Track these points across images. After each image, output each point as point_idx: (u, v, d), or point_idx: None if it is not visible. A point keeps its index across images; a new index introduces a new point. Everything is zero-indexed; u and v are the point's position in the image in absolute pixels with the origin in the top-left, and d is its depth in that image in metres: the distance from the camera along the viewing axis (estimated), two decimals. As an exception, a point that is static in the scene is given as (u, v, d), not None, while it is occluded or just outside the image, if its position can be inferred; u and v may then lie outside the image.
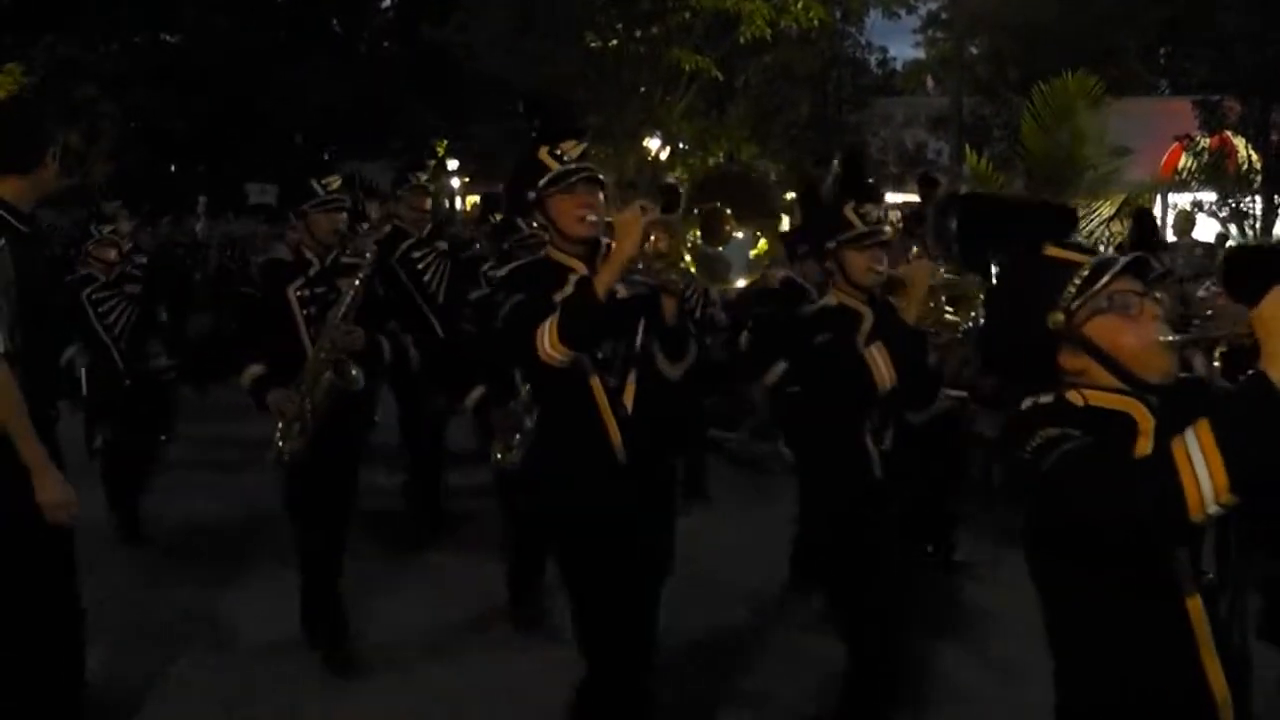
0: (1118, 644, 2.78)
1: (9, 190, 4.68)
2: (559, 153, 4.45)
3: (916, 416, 5.31)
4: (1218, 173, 18.40)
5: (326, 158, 27.19)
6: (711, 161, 24.82)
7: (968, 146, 17.89)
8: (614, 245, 4.15)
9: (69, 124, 22.07)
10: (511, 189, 4.89)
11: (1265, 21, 18.66)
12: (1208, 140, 19.05)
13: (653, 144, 24.46)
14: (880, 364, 4.79)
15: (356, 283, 6.35)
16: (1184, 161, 19.35)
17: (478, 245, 9.54)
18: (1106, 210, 14.83)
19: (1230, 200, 18.58)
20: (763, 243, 17.82)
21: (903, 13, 27.76)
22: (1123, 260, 2.82)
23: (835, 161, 6.58)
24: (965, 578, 8.02)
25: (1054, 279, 2.82)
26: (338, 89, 31.81)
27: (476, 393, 6.95)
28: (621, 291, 4.35)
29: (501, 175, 15.50)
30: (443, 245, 9.16)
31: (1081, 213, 14.89)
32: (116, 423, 8.94)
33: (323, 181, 6.58)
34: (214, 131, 32.48)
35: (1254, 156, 19.20)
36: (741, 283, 9.93)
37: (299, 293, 6.43)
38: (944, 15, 32.94)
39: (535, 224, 5.29)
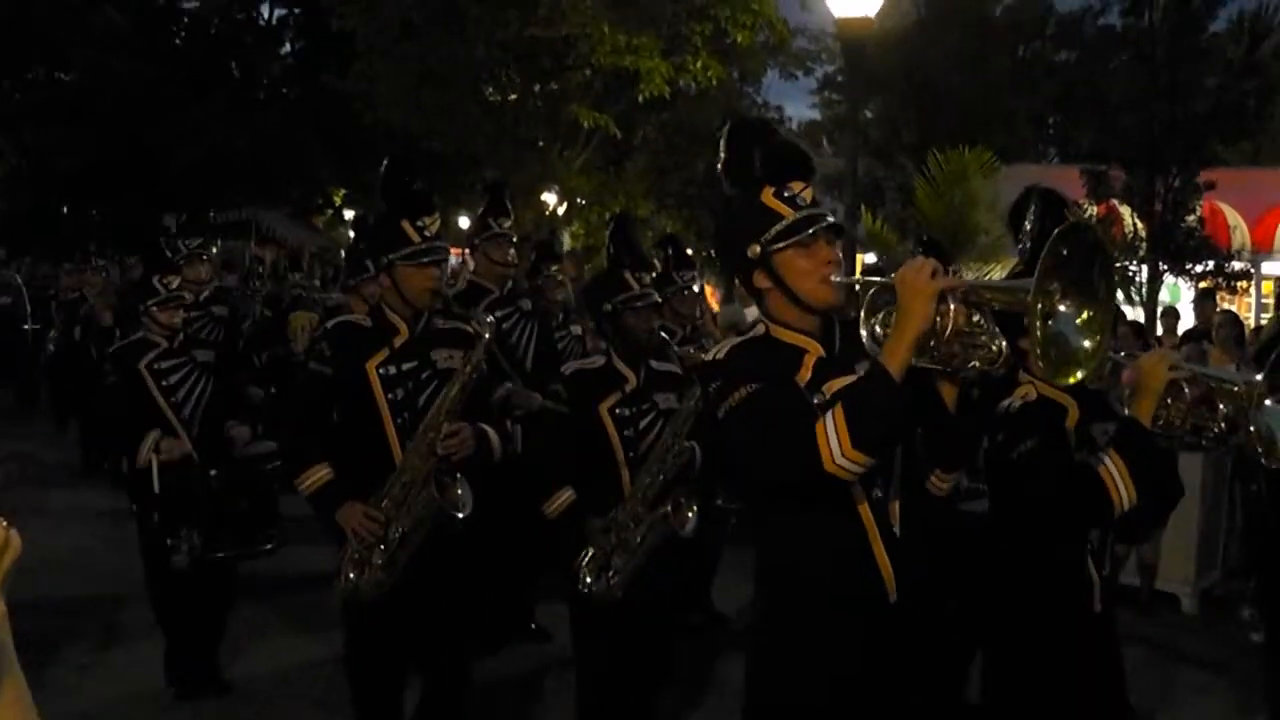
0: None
1: None
2: (789, 194, 3.32)
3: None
4: (1103, 231, 18.73)
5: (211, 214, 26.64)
6: (608, 217, 24.86)
7: (862, 207, 18.07)
8: (898, 314, 3.04)
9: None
10: (723, 240, 3.57)
11: (1149, 94, 19.11)
12: (1095, 208, 19.39)
13: (550, 198, 24.43)
14: None
15: (470, 366, 4.97)
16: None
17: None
18: (997, 274, 15.02)
19: (1114, 259, 18.95)
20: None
21: (799, 74, 28.14)
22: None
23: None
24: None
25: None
26: (235, 133, 31.36)
27: (564, 496, 5.37)
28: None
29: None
30: (526, 305, 7.59)
31: (973, 276, 15.11)
32: (204, 530, 6.55)
33: (417, 224, 4.98)
34: (107, 172, 31.84)
35: (1139, 225, 19.60)
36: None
37: (382, 369, 4.94)
38: (839, 78, 33.39)
39: (745, 285, 3.51)
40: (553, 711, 6.47)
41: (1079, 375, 3.00)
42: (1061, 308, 2.87)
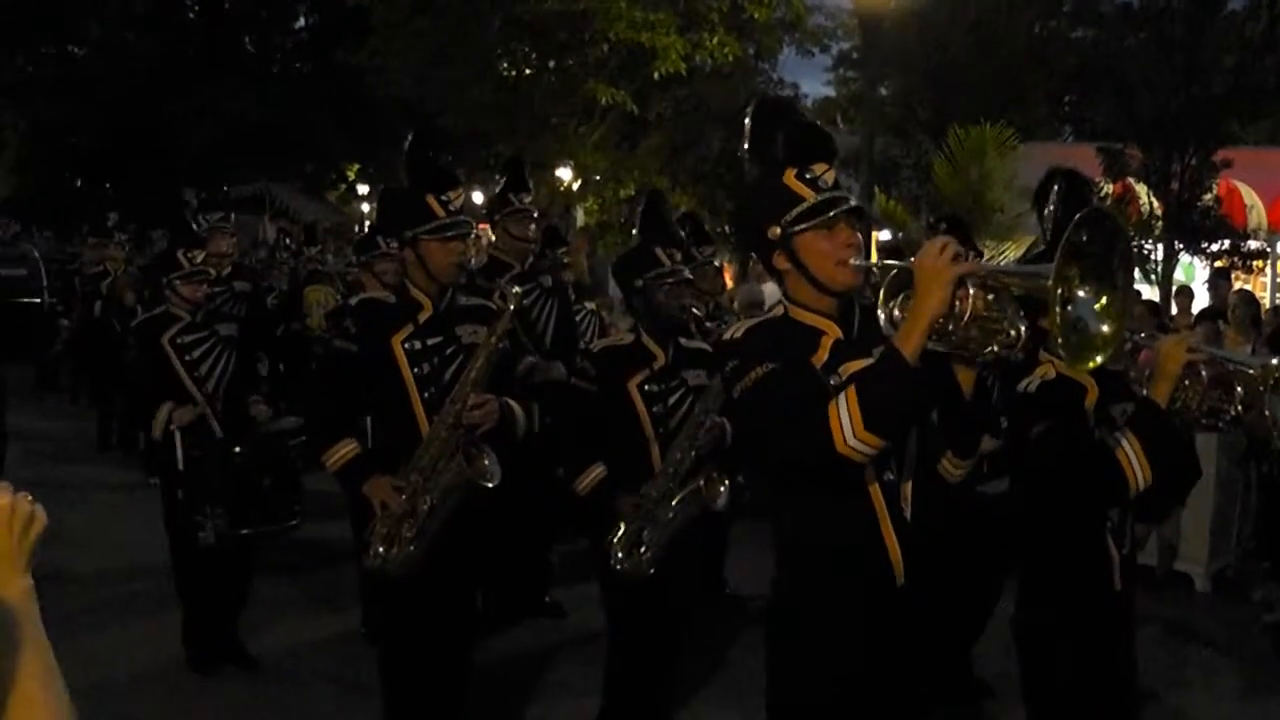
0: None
1: None
2: (811, 176, 3.30)
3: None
4: (1121, 218, 18.69)
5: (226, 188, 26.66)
6: (623, 194, 24.83)
7: (876, 187, 18.04)
8: (915, 298, 3.04)
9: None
10: (744, 220, 3.60)
11: (1166, 72, 19.03)
12: (1111, 187, 19.32)
13: (564, 174, 24.42)
14: None
15: (494, 337, 4.95)
16: (1090, 206, 19.58)
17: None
18: (1014, 253, 15.00)
19: (1133, 246, 18.89)
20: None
21: (816, 51, 28.05)
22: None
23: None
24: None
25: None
26: (248, 108, 31.39)
27: (595, 472, 5.39)
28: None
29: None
30: (547, 281, 7.63)
31: (990, 254, 15.10)
32: (229, 507, 6.51)
33: (441, 198, 4.96)
34: (121, 147, 31.88)
35: (1155, 204, 19.54)
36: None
37: (407, 344, 4.93)
38: (855, 55, 33.26)
39: (765, 265, 3.53)
40: (567, 688, 6.51)
41: (1098, 360, 3.01)
42: (1080, 293, 2.87)
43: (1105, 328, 2.91)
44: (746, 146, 3.48)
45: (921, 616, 3.41)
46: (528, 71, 23.36)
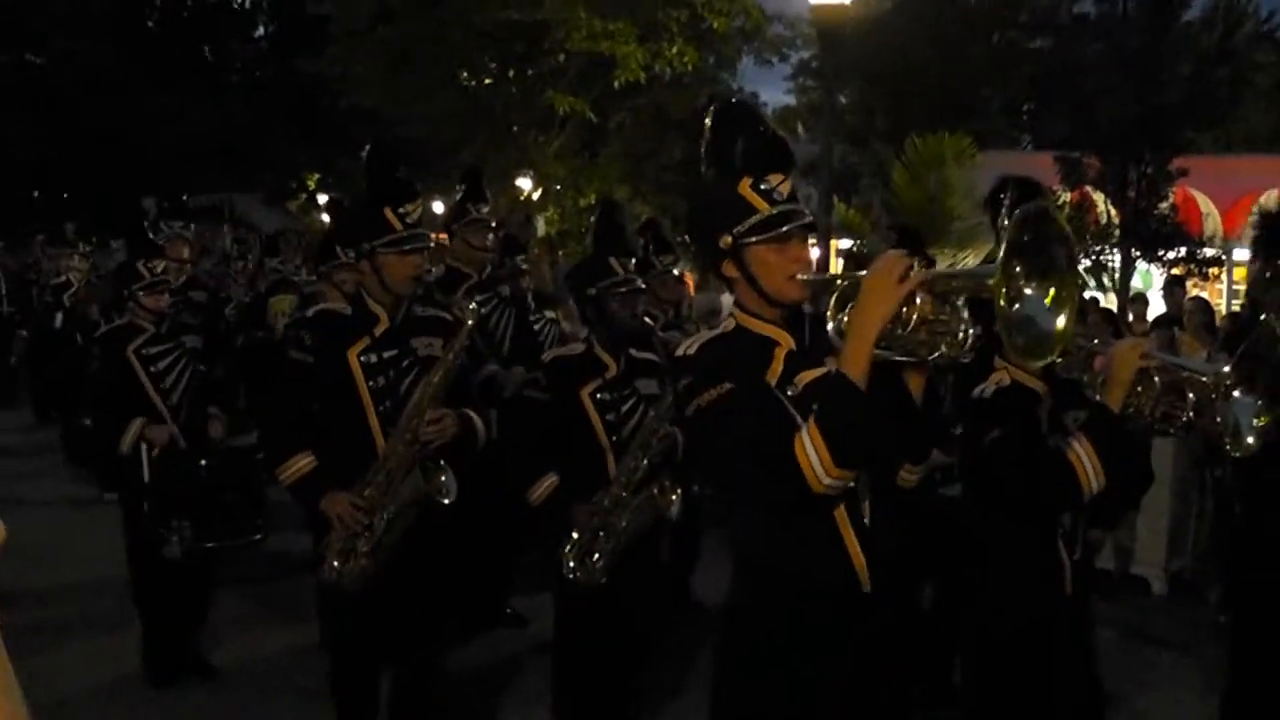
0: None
1: None
2: (766, 187, 3.25)
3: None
4: (1078, 227, 18.82)
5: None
6: (583, 203, 24.83)
7: (835, 195, 18.11)
8: (859, 308, 3.01)
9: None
10: (696, 225, 3.54)
11: (1122, 81, 19.19)
12: (1068, 195, 19.48)
13: (525, 184, 24.41)
14: None
15: (452, 354, 4.94)
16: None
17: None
18: (972, 260, 15.08)
19: (1091, 254, 19.02)
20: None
21: (775, 60, 28.10)
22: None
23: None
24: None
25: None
26: (208, 117, 31.23)
27: (547, 482, 5.39)
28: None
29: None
30: (505, 290, 7.65)
31: (948, 263, 15.19)
32: (194, 520, 6.53)
33: (399, 211, 4.91)
34: (78, 156, 31.63)
35: (1113, 211, 19.69)
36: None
37: (363, 357, 4.91)
38: (814, 64, 33.39)
39: (713, 271, 3.48)
40: (530, 699, 6.49)
41: (1051, 355, 3.04)
42: (1028, 290, 2.87)
43: (1057, 322, 2.90)
44: (704, 148, 3.39)
45: (889, 622, 3.39)
46: (488, 81, 23.34)
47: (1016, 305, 2.85)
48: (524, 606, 7.71)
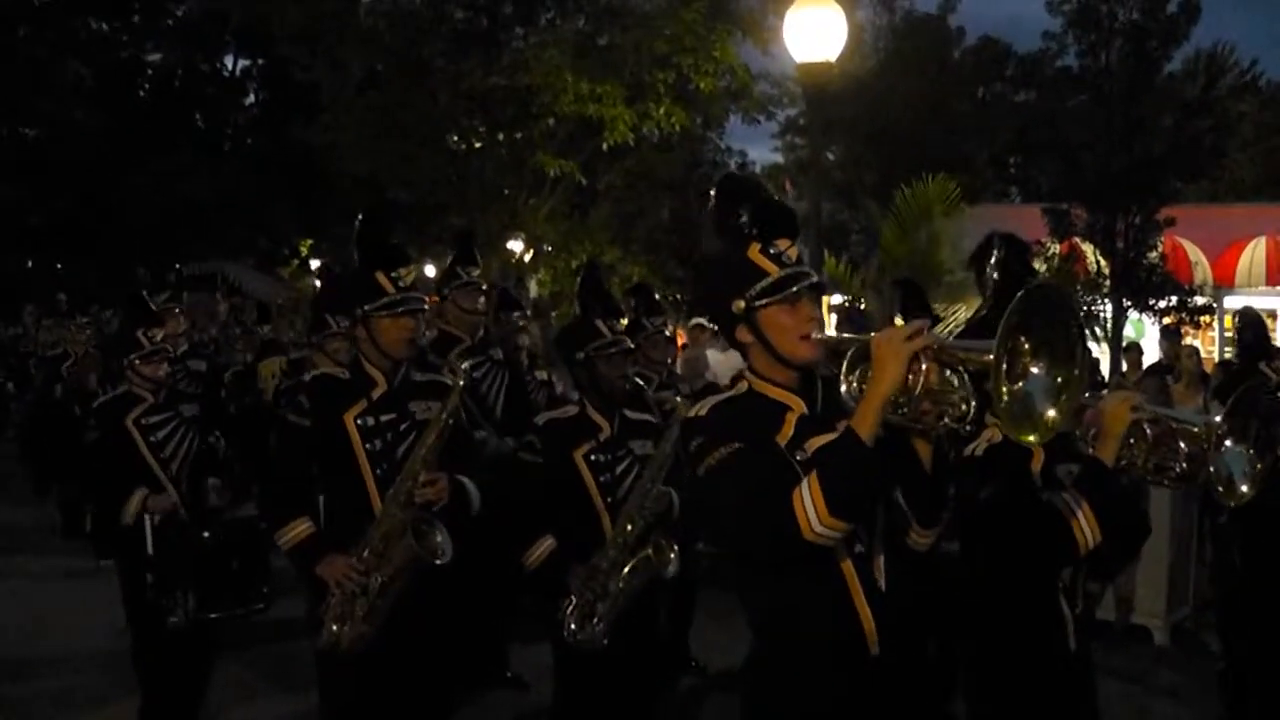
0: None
1: None
2: (775, 251, 3.36)
3: None
4: (1068, 277, 18.92)
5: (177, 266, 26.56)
6: (575, 264, 24.88)
7: (825, 250, 18.18)
8: (873, 375, 3.08)
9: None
10: (707, 293, 3.58)
11: (1106, 132, 19.37)
12: (1058, 246, 19.59)
13: (516, 246, 24.48)
14: None
15: (445, 414, 4.99)
16: (1036, 267, 19.94)
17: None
18: (964, 314, 15.09)
19: (1082, 304, 19.11)
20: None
21: (762, 119, 28.29)
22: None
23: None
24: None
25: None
26: (200, 184, 31.32)
27: (544, 545, 5.37)
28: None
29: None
30: (498, 354, 7.67)
31: (940, 315, 15.20)
32: (198, 590, 6.48)
33: (391, 275, 5.01)
34: (71, 226, 31.68)
35: (1102, 262, 19.82)
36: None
37: (360, 421, 4.94)
38: (801, 121, 33.62)
39: (727, 337, 3.54)
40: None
41: (1032, 438, 3.04)
42: (1034, 369, 2.90)
43: (1050, 411, 2.92)
44: (711, 220, 3.51)
45: (898, 684, 3.38)
46: (477, 145, 23.44)
47: (1020, 383, 2.90)
48: (525, 669, 7.67)
